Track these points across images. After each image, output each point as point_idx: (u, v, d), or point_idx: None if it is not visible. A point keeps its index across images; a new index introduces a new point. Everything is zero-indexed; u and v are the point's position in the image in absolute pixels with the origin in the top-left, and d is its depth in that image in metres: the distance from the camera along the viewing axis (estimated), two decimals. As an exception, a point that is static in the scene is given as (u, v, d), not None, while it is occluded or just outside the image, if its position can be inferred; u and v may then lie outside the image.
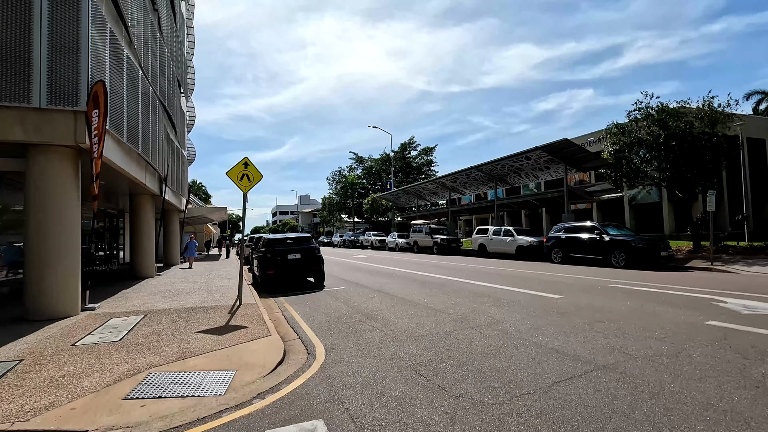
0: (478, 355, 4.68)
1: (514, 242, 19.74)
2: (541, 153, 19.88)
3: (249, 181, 8.70)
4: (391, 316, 7.05)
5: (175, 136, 19.17)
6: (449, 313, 7.10)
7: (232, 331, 6.04)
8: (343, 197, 58.19)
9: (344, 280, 12.76)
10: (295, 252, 11.39)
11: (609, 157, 18.78)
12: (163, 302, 8.86)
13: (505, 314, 6.83)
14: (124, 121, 9.34)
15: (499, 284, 10.48)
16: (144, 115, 11.19)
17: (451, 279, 11.95)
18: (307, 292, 10.61)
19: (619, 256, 13.93)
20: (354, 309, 7.93)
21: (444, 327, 6.12)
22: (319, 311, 7.95)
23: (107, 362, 4.68)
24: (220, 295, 9.90)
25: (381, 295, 9.42)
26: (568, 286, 9.88)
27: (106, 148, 8.48)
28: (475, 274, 12.99)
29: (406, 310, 7.60)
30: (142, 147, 10.97)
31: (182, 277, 14.49)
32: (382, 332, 5.98)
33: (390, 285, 11.14)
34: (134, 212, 14.60)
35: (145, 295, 10.06)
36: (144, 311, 7.80)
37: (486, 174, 25.20)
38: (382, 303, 8.42)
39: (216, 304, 8.45)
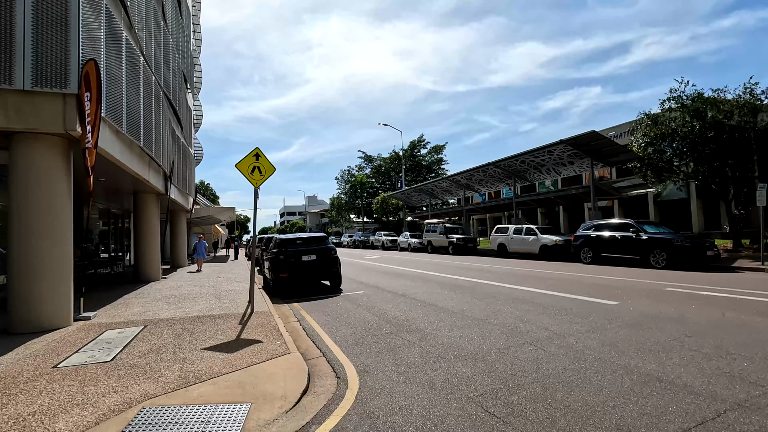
0: (555, 383, 3.70)
1: (537, 241, 18.66)
2: (566, 147, 18.78)
3: (261, 174, 7.80)
4: (426, 327, 6.08)
5: (181, 132, 18.39)
6: (494, 324, 6.11)
7: (244, 348, 5.11)
8: (352, 197, 57.31)
9: (361, 283, 11.82)
10: (309, 253, 10.47)
11: (639, 150, 17.65)
12: (166, 310, 7.98)
13: (562, 325, 5.83)
14: (123, 110, 8.49)
15: (536, 287, 9.46)
16: (146, 106, 10.35)
17: (480, 282, 10.94)
18: (324, 297, 9.68)
19: (659, 255, 12.81)
20: (381, 318, 6.98)
21: (495, 342, 5.14)
22: (340, 320, 7.00)
23: (92, 392, 3.78)
24: (229, 300, 9.01)
25: (407, 301, 8.45)
26: (617, 290, 8.83)
27: (103, 139, 7.62)
28: (504, 276, 11.96)
29: (441, 319, 6.62)
30: (145, 140, 10.13)
31: (189, 280, 13.65)
32: (421, 348, 5.02)
33: (414, 289, 10.17)
34: (138, 211, 13.80)
35: (147, 301, 9.20)
36: (144, 321, 6.91)
37: (504, 170, 24.11)
38: (411, 310, 7.46)
39: (225, 312, 7.55)
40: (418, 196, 37.90)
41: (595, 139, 17.35)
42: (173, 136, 15.52)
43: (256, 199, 7.84)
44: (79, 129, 6.43)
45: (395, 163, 56.94)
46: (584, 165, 20.58)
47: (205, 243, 17.58)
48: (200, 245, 17.43)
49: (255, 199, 7.83)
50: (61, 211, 6.60)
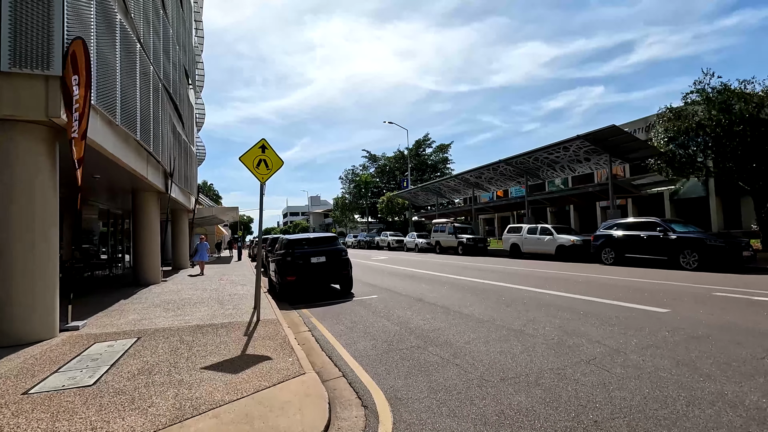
0: (642, 420, 2.95)
1: (553, 241, 17.86)
2: (583, 143, 17.97)
3: (267, 168, 7.07)
4: (457, 340, 5.34)
5: (182, 129, 17.72)
6: (534, 336, 5.36)
7: (251, 366, 4.38)
8: (356, 197, 56.58)
9: (373, 286, 11.08)
10: (319, 254, 9.74)
11: (661, 146, 16.84)
12: (164, 317, 7.26)
13: (616, 338, 5.07)
14: (117, 100, 7.79)
15: (565, 292, 8.69)
16: (144, 98, 9.66)
17: (504, 285, 10.18)
18: (335, 302, 8.95)
19: (691, 256, 12.01)
20: (402, 327, 6.23)
21: (544, 359, 4.39)
22: (357, 330, 6.26)
23: (64, 430, 3.05)
24: (232, 306, 8.29)
25: (427, 307, 7.70)
26: (659, 294, 8.05)
27: (94, 130, 6.93)
28: (525, 279, 11.19)
29: (471, 329, 5.87)
30: (142, 134, 9.44)
31: (190, 283, 12.96)
32: (459, 368, 4.27)
33: (431, 293, 9.42)
34: (137, 211, 13.11)
35: (145, 307, 8.49)
36: (139, 332, 6.19)
37: (516, 168, 23.31)
38: (434, 318, 6.70)
39: (228, 321, 6.82)
40: (424, 196, 37.13)
41: (614, 134, 16.54)
42: (174, 132, 14.84)
43: (263, 195, 7.11)
44: (64, 116, 5.73)
45: (400, 163, 56.18)
46: (601, 162, 19.77)
47: (206, 244, 16.42)
48: (202, 246, 16.26)
49: (261, 196, 7.10)
50: (44, 207, 5.90)
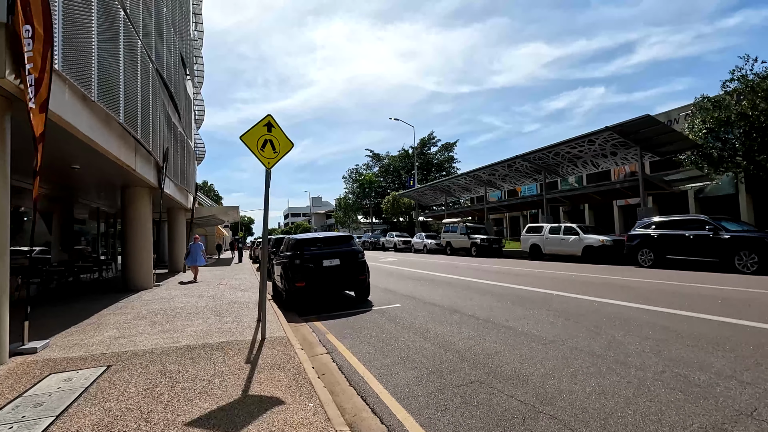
0: None
1: (579, 242, 16.51)
2: (611, 135, 16.63)
3: (274, 150, 5.75)
4: (530, 371, 4.00)
5: (178, 121, 16.43)
6: (636, 367, 4.02)
7: (255, 419, 3.06)
8: (360, 196, 55.23)
9: (391, 292, 9.75)
10: (332, 257, 8.41)
11: (698, 138, 15.50)
12: (148, 334, 5.94)
13: (759, 372, 3.73)
14: (93, 71, 6.48)
15: (631, 301, 7.33)
16: (130, 76, 8.36)
17: (546, 292, 8.83)
18: (352, 313, 7.62)
19: (748, 258, 10.66)
20: (447, 349, 4.90)
21: (679, 410, 3.05)
22: (389, 352, 4.93)
23: None
24: (232, 318, 6.97)
25: (467, 320, 6.37)
26: (744, 304, 6.71)
27: (62, 104, 5.63)
28: (566, 285, 9.84)
29: (541, 354, 4.54)
30: (127, 117, 8.13)
31: (185, 289, 11.65)
32: (559, 424, 2.94)
33: (464, 301, 8.08)
34: (126, 209, 11.80)
35: (128, 319, 7.17)
36: (112, 356, 4.87)
37: (533, 164, 21.96)
38: (483, 337, 5.36)
39: (226, 339, 5.50)
40: (432, 195, 35.78)
41: (647, 124, 15.20)
42: (168, 123, 13.55)
43: (268, 184, 5.77)
44: (12, 78, 4.42)
45: (404, 162, 54.84)
46: (629, 156, 18.41)
47: (201, 245, 13.78)
48: (195, 248, 13.60)
49: (267, 185, 5.77)
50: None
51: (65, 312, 7.98)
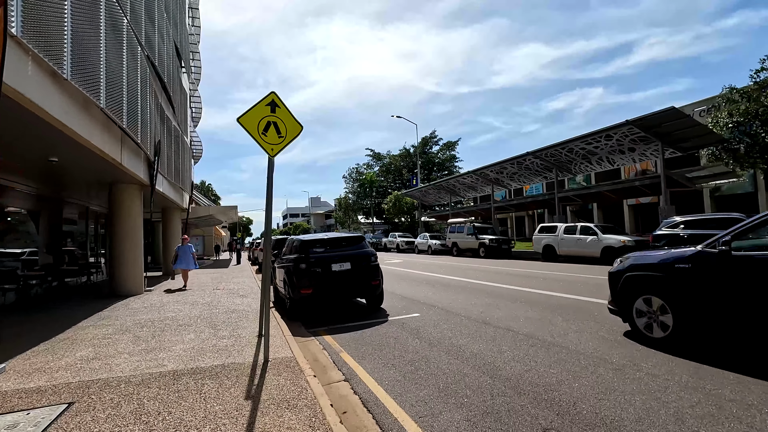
0: None
1: (598, 242, 15.60)
2: (630, 129, 15.74)
3: (279, 135, 4.80)
4: (620, 416, 3.07)
5: (173, 115, 15.47)
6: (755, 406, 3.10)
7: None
8: (360, 196, 54.30)
9: (406, 299, 8.82)
10: (342, 260, 7.47)
11: (724, 132, 14.61)
12: (129, 354, 4.99)
13: None
14: (66, 43, 5.53)
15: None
16: (113, 57, 7.41)
17: (583, 299, 7.91)
18: (365, 324, 6.69)
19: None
20: (494, 377, 3.96)
21: None
22: (424, 381, 3.99)
23: None
24: (229, 332, 6.03)
25: (504, 335, 5.44)
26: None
27: (24, 79, 4.70)
28: (604, 289, 8.92)
29: (622, 386, 3.61)
30: (110, 102, 7.18)
31: (178, 296, 10.69)
32: None
33: (492, 310, 7.15)
34: (114, 208, 10.85)
35: (108, 333, 6.21)
36: (79, 386, 3.93)
37: (545, 161, 21.05)
38: (533, 358, 4.43)
39: (222, 362, 4.55)
40: (435, 194, 34.87)
41: (671, 118, 14.31)
42: (161, 115, 12.60)
43: (272, 175, 4.83)
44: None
45: (406, 161, 53.95)
46: (648, 152, 17.53)
47: (191, 246, 12.39)
48: (184, 251, 12.07)
49: (269, 176, 4.81)
50: None
51: (39, 323, 7.02)
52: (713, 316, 4.15)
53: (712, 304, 4.15)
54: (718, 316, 4.11)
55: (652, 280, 4.75)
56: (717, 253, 4.16)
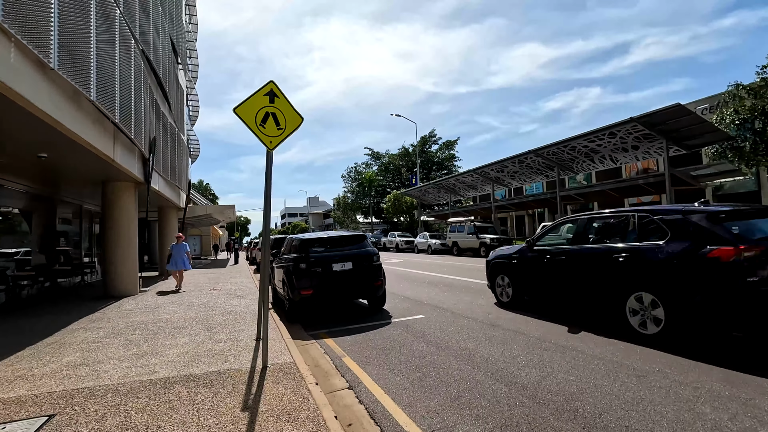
0: None
1: (601, 241, 15.34)
2: (634, 126, 15.51)
3: (278, 127, 4.53)
4: (648, 428, 2.81)
5: (169, 112, 15.17)
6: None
7: None
8: (359, 195, 54.00)
9: (409, 300, 8.55)
10: (343, 260, 7.20)
11: (730, 129, 14.39)
12: (118, 360, 4.71)
13: None
14: (53, 33, 5.23)
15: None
16: (105, 48, 7.11)
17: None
18: (368, 326, 6.42)
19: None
20: (510, 384, 3.70)
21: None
22: (434, 390, 3.72)
23: None
24: (226, 334, 5.75)
25: (514, 338, 5.17)
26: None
27: (8, 68, 4.43)
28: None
29: (641, 394, 3.35)
30: (102, 96, 6.88)
31: (174, 297, 10.40)
32: None
33: (500, 312, 6.89)
34: (107, 205, 10.54)
35: (98, 336, 5.93)
36: (63, 395, 3.64)
37: (546, 160, 20.82)
38: (551, 365, 4.17)
39: (217, 369, 4.28)
40: (435, 193, 34.63)
41: (677, 115, 14.09)
42: (157, 111, 12.30)
43: (270, 169, 4.54)
44: None
45: (404, 160, 53.71)
46: (652, 150, 17.32)
47: (185, 245, 11.69)
48: (178, 250, 11.39)
49: (268, 170, 4.53)
50: None
51: (26, 326, 6.73)
52: (530, 284, 6.84)
53: (528, 277, 6.87)
54: (531, 283, 6.80)
55: (503, 265, 7.52)
56: (527, 248, 6.96)
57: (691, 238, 4.51)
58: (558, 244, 6.48)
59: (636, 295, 4.89)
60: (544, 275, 6.39)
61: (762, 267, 4.10)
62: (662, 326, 4.58)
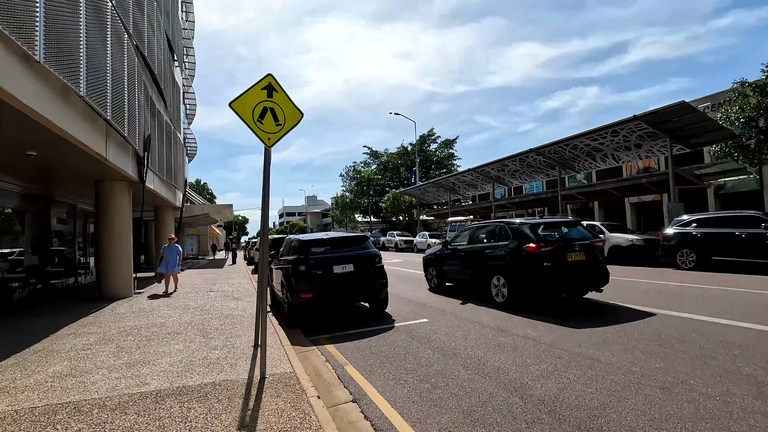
0: None
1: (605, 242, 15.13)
2: (638, 124, 15.29)
3: (277, 122, 4.27)
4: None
5: (165, 110, 14.87)
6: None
7: None
8: (358, 194, 53.71)
9: (411, 302, 8.31)
10: (345, 261, 6.94)
11: (734, 127, 14.20)
12: (108, 369, 4.45)
13: None
14: (38, 24, 4.95)
15: (718, 317, 5.95)
16: (96, 42, 6.82)
17: (606, 302, 7.43)
18: (370, 331, 6.17)
19: (816, 259, 9.41)
20: (525, 398, 3.46)
21: None
22: (445, 403, 3.47)
23: None
24: (222, 341, 5.50)
25: (526, 345, 4.93)
26: None
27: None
28: (625, 293, 8.44)
29: (668, 408, 3.11)
30: (90, 89, 6.60)
31: (169, 299, 10.12)
32: None
33: (506, 316, 6.65)
34: (101, 205, 10.26)
35: (89, 342, 5.66)
36: (44, 412, 3.39)
37: (547, 159, 20.59)
38: (567, 375, 3.93)
39: (212, 380, 4.02)
40: (434, 192, 34.39)
41: (681, 113, 13.87)
42: (152, 109, 12.00)
43: (268, 166, 4.29)
44: None
45: (403, 159, 53.44)
46: (655, 148, 17.10)
47: (178, 248, 11.19)
48: (170, 252, 10.90)
49: (266, 167, 4.27)
50: None
51: (13, 331, 6.46)
52: (447, 273, 9.27)
53: (446, 269, 9.26)
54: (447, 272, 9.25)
55: (431, 260, 9.93)
56: (443, 246, 9.43)
57: (519, 240, 7.15)
58: (460, 243, 8.97)
59: (496, 276, 7.48)
60: (453, 266, 8.96)
61: (552, 256, 6.76)
62: (507, 297, 7.18)
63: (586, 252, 6.91)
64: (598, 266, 7.04)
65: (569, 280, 6.79)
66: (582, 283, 6.97)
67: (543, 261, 6.69)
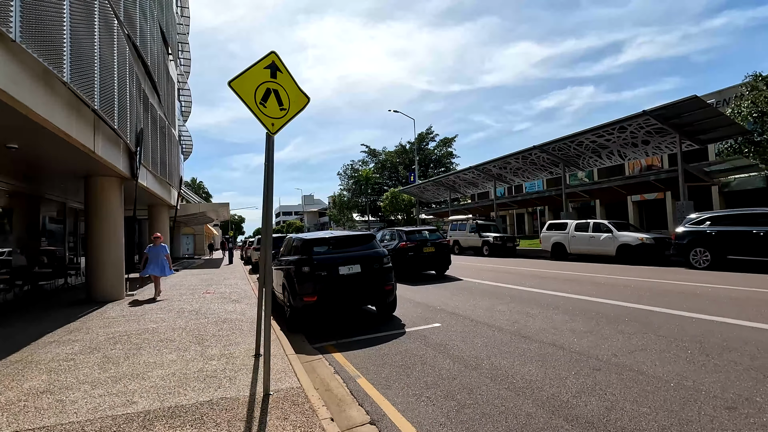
0: None
1: (612, 240, 14.75)
2: (647, 120, 14.90)
3: (281, 106, 3.79)
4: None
5: (159, 104, 14.33)
6: None
7: None
8: (356, 193, 53.20)
9: (422, 305, 7.85)
10: (351, 262, 6.47)
11: (746, 123, 13.84)
12: (91, 384, 3.96)
13: None
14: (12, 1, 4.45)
15: (740, 318, 5.53)
16: (81, 26, 6.30)
17: (626, 305, 6.99)
18: (380, 338, 5.70)
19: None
20: (569, 419, 3.01)
21: None
22: (472, 424, 3.01)
23: None
24: (220, 350, 5.02)
25: (556, 354, 4.49)
26: None
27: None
28: (642, 295, 8.02)
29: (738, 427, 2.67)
30: (76, 76, 6.09)
31: (163, 302, 9.61)
32: None
33: (527, 320, 6.20)
34: (90, 203, 9.73)
35: (73, 352, 5.16)
36: (12, 439, 2.90)
37: (551, 156, 20.19)
38: (612, 389, 3.48)
39: (208, 398, 3.54)
40: (434, 190, 33.94)
41: (691, 108, 13.48)
42: (145, 103, 11.46)
43: (271, 156, 3.81)
44: None
45: (402, 157, 52.98)
46: (663, 145, 16.72)
47: (165, 248, 10.16)
48: (156, 253, 9.90)
49: (268, 157, 3.79)
50: None
51: (-7, 339, 5.94)
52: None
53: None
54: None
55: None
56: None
57: (398, 240, 12.44)
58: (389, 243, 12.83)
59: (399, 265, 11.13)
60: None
61: (412, 251, 11.97)
62: (404, 277, 11.19)
63: (436, 247, 12.27)
64: (444, 256, 12.37)
65: (425, 264, 12.22)
66: (433, 266, 12.42)
67: (408, 252, 11.99)
